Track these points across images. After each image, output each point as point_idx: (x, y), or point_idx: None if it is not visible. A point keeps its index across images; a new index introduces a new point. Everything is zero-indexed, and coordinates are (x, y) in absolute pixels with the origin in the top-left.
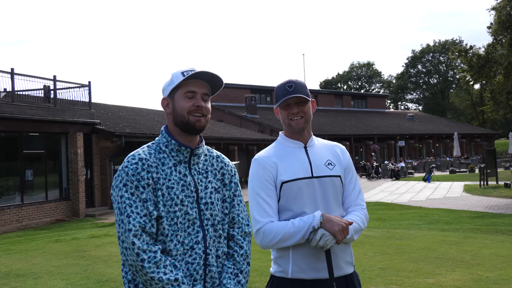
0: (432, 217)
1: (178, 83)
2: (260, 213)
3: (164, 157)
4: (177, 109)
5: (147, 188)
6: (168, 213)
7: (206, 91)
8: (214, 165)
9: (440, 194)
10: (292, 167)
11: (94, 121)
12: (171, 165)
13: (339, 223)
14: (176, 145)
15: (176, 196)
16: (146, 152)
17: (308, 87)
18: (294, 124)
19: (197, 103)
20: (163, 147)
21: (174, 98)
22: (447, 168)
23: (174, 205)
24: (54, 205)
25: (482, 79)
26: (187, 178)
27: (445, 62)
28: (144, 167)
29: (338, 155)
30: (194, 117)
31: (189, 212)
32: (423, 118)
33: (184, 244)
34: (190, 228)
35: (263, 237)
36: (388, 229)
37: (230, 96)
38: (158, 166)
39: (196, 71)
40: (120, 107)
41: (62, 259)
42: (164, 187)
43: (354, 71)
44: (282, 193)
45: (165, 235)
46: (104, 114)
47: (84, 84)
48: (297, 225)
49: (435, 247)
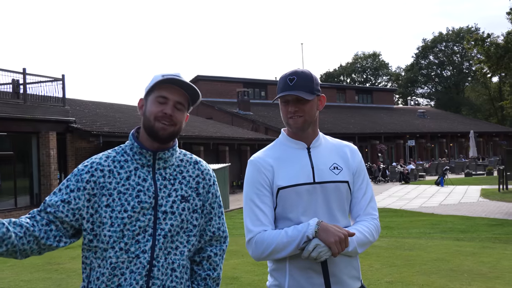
0: (446, 225)
1: (152, 86)
2: (253, 221)
3: (127, 160)
4: (146, 112)
5: (79, 192)
6: (115, 219)
7: (181, 100)
8: (190, 172)
9: (455, 199)
10: (291, 171)
11: (68, 119)
12: (132, 169)
13: (337, 234)
14: (138, 147)
15: (127, 202)
16: (105, 155)
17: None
18: (292, 122)
19: (165, 110)
20: (128, 150)
21: (147, 101)
22: (462, 170)
23: (123, 211)
24: (24, 212)
25: (501, 71)
26: (146, 183)
27: (460, 53)
28: (90, 169)
29: (347, 157)
30: (160, 124)
31: (140, 219)
32: (435, 115)
33: (129, 252)
34: (140, 235)
35: (255, 247)
36: (396, 238)
37: (220, 91)
38: (112, 170)
39: (172, 77)
40: (98, 103)
41: (33, 272)
42: (115, 192)
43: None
44: (279, 200)
45: (105, 242)
46: (80, 111)
47: (57, 78)
48: (290, 235)
49: (449, 258)
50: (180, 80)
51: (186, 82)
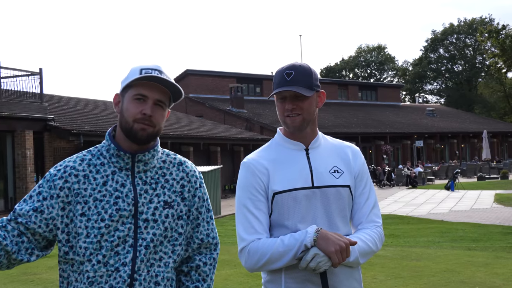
0: (456, 233)
1: (130, 82)
2: (246, 229)
3: (103, 163)
4: (124, 111)
5: (52, 200)
6: (91, 229)
7: (161, 98)
8: (173, 175)
9: (466, 205)
10: (287, 175)
11: (46, 116)
12: (108, 173)
13: (337, 242)
14: (115, 149)
15: (104, 210)
16: (80, 157)
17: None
18: (289, 121)
19: (145, 111)
20: (104, 152)
21: (125, 97)
22: (475, 173)
23: (99, 221)
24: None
25: None
26: (125, 189)
27: (472, 46)
28: (63, 175)
29: (349, 159)
30: (138, 125)
31: (119, 229)
32: (446, 113)
33: (108, 265)
34: (119, 247)
35: (248, 257)
36: (402, 247)
37: (212, 87)
38: (87, 175)
39: (153, 75)
40: (78, 99)
41: (7, 283)
42: (91, 199)
43: (362, 56)
44: (275, 206)
45: (80, 254)
46: (59, 108)
47: (34, 72)
48: (286, 243)
49: (460, 270)
50: (161, 78)
51: (168, 80)
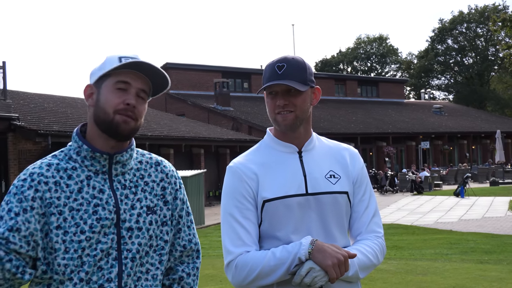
0: (467, 244)
1: (109, 70)
2: (233, 240)
3: (75, 167)
4: (101, 102)
5: (26, 214)
6: (70, 243)
7: (144, 87)
8: (152, 176)
9: (478, 213)
10: (279, 180)
11: (10, 115)
12: (83, 178)
13: (335, 255)
14: (89, 151)
15: (83, 221)
16: (46, 163)
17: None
18: (280, 119)
19: (128, 100)
20: (73, 155)
21: (101, 88)
22: (487, 178)
23: (79, 233)
24: None
25: None
26: (104, 195)
27: (484, 36)
28: (32, 184)
29: (346, 162)
30: (120, 117)
31: (102, 240)
32: (455, 111)
33: (91, 282)
34: (102, 261)
35: (235, 272)
36: (407, 260)
37: (194, 82)
38: (58, 182)
39: (137, 60)
40: (46, 96)
41: None
42: (66, 208)
43: (362, 48)
44: (265, 215)
45: (60, 273)
46: (25, 106)
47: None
48: (278, 256)
49: (470, 285)
50: (149, 64)
51: (155, 66)
